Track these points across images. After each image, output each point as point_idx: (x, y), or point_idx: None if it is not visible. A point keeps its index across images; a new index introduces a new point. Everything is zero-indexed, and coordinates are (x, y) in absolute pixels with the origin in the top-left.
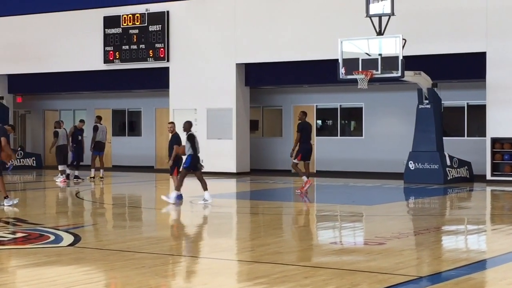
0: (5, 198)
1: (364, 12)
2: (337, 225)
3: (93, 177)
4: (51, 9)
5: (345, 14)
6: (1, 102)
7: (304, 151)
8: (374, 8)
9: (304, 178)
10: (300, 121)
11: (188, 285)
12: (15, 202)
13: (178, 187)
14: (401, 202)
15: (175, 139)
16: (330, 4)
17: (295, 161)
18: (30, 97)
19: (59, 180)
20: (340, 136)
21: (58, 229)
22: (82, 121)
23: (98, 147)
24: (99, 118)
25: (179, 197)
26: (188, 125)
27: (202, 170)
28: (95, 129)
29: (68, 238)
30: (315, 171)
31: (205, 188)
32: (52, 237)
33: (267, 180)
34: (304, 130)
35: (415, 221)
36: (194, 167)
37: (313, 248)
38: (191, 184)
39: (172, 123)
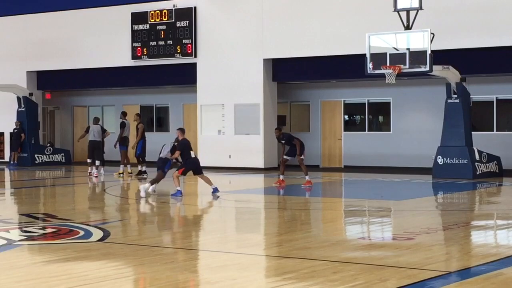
0: None
1: (392, 6)
2: (365, 220)
3: (122, 173)
4: (79, 6)
5: (372, 8)
6: (30, 99)
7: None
8: (402, 2)
9: (281, 177)
10: (282, 133)
11: (216, 280)
12: None
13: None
14: (430, 197)
15: (179, 144)
16: None
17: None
18: (58, 93)
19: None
20: (368, 131)
21: (87, 225)
22: (138, 115)
23: (125, 142)
24: (124, 114)
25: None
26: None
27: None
28: (123, 125)
29: (97, 234)
30: (342, 166)
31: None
32: (82, 233)
33: (295, 175)
34: None
35: (444, 216)
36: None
37: (341, 243)
38: (218, 180)
39: (178, 130)
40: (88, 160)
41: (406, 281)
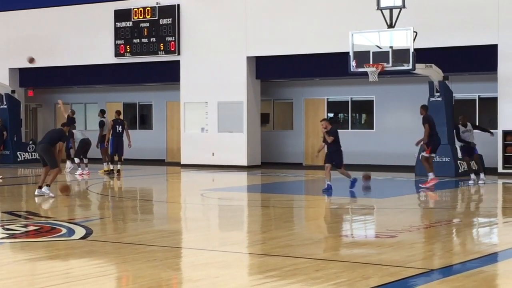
0: (47, 185)
1: (375, 4)
2: (348, 218)
3: (107, 170)
4: (62, 3)
5: (356, 6)
6: (12, 96)
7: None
8: (385, 1)
9: (431, 174)
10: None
11: (199, 278)
12: (51, 194)
13: None
14: (412, 195)
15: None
16: None
17: (426, 154)
18: (41, 90)
19: (78, 173)
20: (351, 129)
21: (70, 222)
22: (118, 112)
23: (104, 140)
24: (103, 112)
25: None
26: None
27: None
28: (102, 124)
29: (80, 231)
30: None
31: None
32: (64, 230)
33: (278, 173)
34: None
35: (426, 214)
36: None
37: (324, 241)
38: (201, 177)
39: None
40: (76, 160)
41: (389, 279)
